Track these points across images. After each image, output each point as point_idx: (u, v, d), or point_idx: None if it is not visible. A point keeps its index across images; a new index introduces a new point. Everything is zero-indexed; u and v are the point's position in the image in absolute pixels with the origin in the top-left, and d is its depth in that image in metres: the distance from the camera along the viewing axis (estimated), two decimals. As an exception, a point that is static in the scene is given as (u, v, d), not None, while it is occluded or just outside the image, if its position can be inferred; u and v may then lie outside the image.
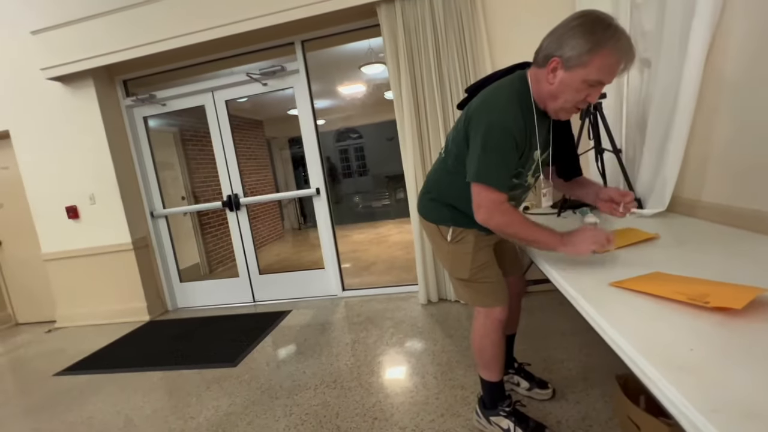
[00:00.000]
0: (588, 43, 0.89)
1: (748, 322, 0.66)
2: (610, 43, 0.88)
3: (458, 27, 2.35)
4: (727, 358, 0.58)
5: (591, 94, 0.96)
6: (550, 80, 0.98)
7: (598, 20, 0.90)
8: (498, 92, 1.05)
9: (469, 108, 1.09)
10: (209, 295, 3.38)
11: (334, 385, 1.84)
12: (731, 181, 1.30)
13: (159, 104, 3.18)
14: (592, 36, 0.88)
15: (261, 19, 2.54)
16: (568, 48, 0.92)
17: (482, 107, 1.04)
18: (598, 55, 0.89)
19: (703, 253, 1.07)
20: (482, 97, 1.07)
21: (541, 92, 1.02)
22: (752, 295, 0.70)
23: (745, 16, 1.18)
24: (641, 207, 1.62)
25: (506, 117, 0.99)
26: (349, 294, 3.07)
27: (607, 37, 0.88)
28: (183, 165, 4.52)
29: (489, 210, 1.02)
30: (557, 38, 0.94)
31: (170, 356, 2.41)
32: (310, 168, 3.01)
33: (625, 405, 1.21)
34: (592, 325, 0.81)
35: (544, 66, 0.99)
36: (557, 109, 1.02)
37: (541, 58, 0.99)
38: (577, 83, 0.94)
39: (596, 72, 0.91)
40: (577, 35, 0.90)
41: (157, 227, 3.34)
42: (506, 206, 1.03)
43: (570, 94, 0.96)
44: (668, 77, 1.47)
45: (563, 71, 0.94)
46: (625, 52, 0.90)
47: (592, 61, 0.90)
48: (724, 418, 0.47)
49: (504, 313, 1.27)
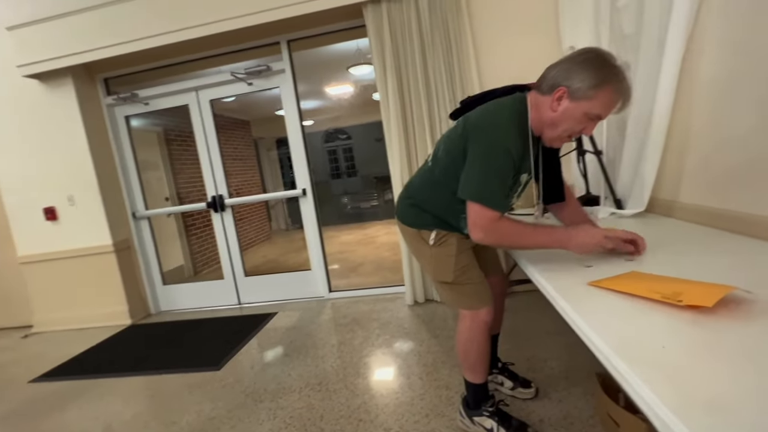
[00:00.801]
0: (596, 78, 0.93)
1: (718, 320, 0.68)
2: (614, 81, 0.93)
3: (444, 28, 2.37)
4: (697, 355, 0.59)
5: (587, 128, 1.01)
6: (553, 108, 1.00)
7: (606, 58, 0.95)
8: (500, 112, 1.05)
9: (467, 122, 1.09)
10: (193, 298, 3.32)
11: (320, 388, 1.82)
12: (706, 182, 1.33)
13: (141, 103, 3.12)
14: (600, 72, 0.93)
15: (246, 18, 2.51)
16: (576, 80, 0.95)
17: (483, 125, 1.04)
18: (603, 91, 0.93)
19: (678, 253, 1.09)
20: (483, 114, 1.07)
21: (541, 118, 1.04)
22: (722, 293, 0.71)
23: (719, 23, 1.22)
24: (621, 207, 1.65)
25: (508, 138, 1.01)
26: (336, 295, 3.06)
27: (613, 74, 0.93)
28: (167, 165, 4.44)
29: (485, 229, 1.02)
30: (565, 70, 0.98)
31: (152, 360, 2.36)
32: (297, 169, 2.99)
33: (605, 403, 1.23)
34: (570, 325, 0.82)
35: (548, 94, 1.01)
36: (553, 137, 1.05)
37: (547, 86, 1.01)
38: (579, 114, 0.97)
39: (599, 106, 0.95)
40: (587, 69, 0.94)
41: (140, 229, 3.27)
42: (502, 222, 1.03)
43: (570, 124, 1.00)
44: (647, 80, 1.50)
45: (568, 101, 0.97)
46: (625, 92, 0.95)
47: (597, 95, 0.94)
48: (692, 414, 0.48)
49: (489, 315, 1.27)
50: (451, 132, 1.18)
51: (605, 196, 1.75)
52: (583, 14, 2.01)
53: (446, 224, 1.23)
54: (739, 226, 1.15)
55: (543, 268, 1.08)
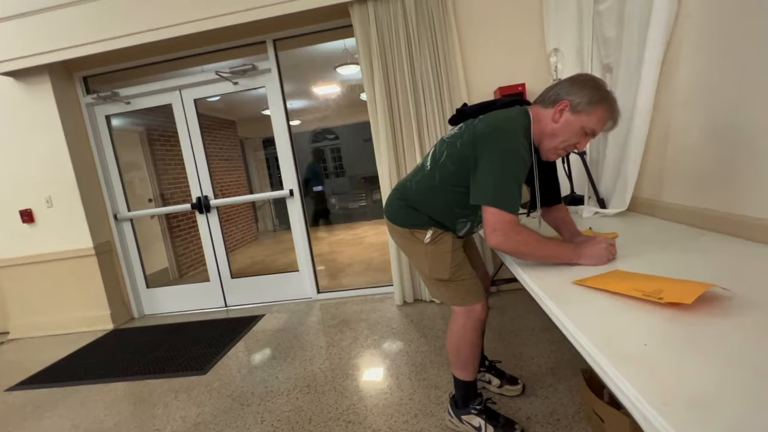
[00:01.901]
0: (595, 96, 1.04)
1: (697, 317, 0.69)
2: (609, 101, 1.05)
3: (430, 29, 2.37)
4: (678, 352, 0.61)
5: (582, 142, 1.10)
6: (555, 119, 1.08)
7: (602, 83, 1.08)
8: (511, 123, 1.09)
9: (476, 131, 1.12)
10: (178, 301, 3.26)
11: (308, 390, 1.81)
12: (686, 182, 1.37)
13: (122, 102, 3.04)
14: (599, 92, 1.05)
15: (231, 16, 2.47)
16: (578, 95, 1.05)
17: (498, 134, 1.07)
18: (600, 108, 1.04)
19: (659, 251, 1.12)
20: (494, 123, 1.10)
21: (542, 130, 1.11)
22: (701, 291, 0.73)
23: (696, 27, 1.25)
24: (604, 207, 1.68)
25: (521, 147, 1.06)
26: (324, 296, 3.04)
27: (609, 96, 1.06)
28: (150, 166, 4.35)
29: (505, 232, 1.03)
30: (568, 86, 1.08)
31: (136, 366, 2.31)
32: (284, 169, 2.96)
33: (590, 399, 1.25)
34: (555, 323, 0.83)
35: (551, 107, 1.09)
36: (551, 148, 1.12)
37: (550, 100, 1.10)
38: (578, 128, 1.06)
39: (595, 121, 1.05)
40: (587, 87, 1.05)
41: (122, 231, 3.19)
42: (520, 227, 1.05)
43: (568, 135, 1.08)
44: (628, 82, 1.54)
45: (570, 113, 1.06)
46: (616, 112, 1.07)
47: (594, 111, 1.04)
48: (673, 410, 0.49)
49: (484, 312, 1.29)
50: (454, 139, 1.19)
51: (589, 196, 1.78)
52: (567, 17, 2.05)
53: (441, 226, 1.26)
54: (718, 224, 1.19)
55: (529, 267, 1.09)
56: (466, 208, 1.18)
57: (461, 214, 1.22)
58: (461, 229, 1.27)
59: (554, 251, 1.07)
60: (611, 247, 1.05)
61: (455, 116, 1.30)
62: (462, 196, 1.15)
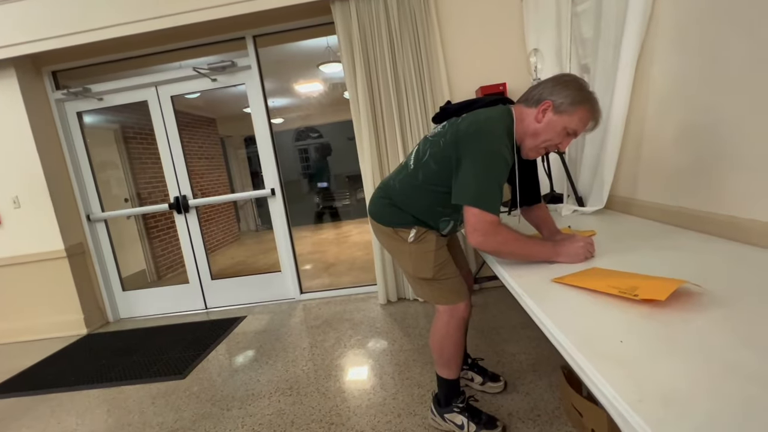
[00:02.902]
0: (577, 97, 1.05)
1: (670, 313, 0.71)
2: (591, 102, 1.07)
3: (412, 27, 2.37)
4: (652, 348, 0.62)
5: (563, 143, 1.11)
6: (538, 119, 1.09)
7: (584, 83, 1.09)
8: (494, 123, 1.09)
9: (458, 130, 1.12)
10: (156, 304, 3.16)
11: (290, 392, 1.78)
12: (660, 180, 1.41)
13: (95, 99, 2.93)
14: (581, 92, 1.06)
15: (208, 11, 2.41)
16: (560, 96, 1.06)
17: (480, 134, 1.07)
18: (582, 108, 1.05)
19: (635, 248, 1.14)
20: (476, 123, 1.10)
21: (525, 130, 1.11)
22: (674, 287, 0.75)
23: (669, 28, 1.28)
24: (582, 205, 1.71)
25: (504, 148, 1.06)
26: (307, 297, 3.00)
27: (590, 97, 1.07)
28: (126, 164, 4.21)
29: (486, 232, 1.04)
30: (551, 87, 1.09)
31: (110, 372, 2.23)
32: (265, 168, 2.91)
33: (569, 394, 1.27)
34: (534, 321, 0.83)
35: (534, 106, 1.10)
36: (533, 147, 1.13)
37: (533, 100, 1.11)
38: (560, 128, 1.07)
39: (576, 122, 1.07)
40: (570, 88, 1.06)
41: (95, 232, 3.07)
42: (501, 227, 1.05)
43: (551, 135, 1.09)
44: (605, 82, 1.57)
45: (552, 113, 1.07)
46: (596, 113, 1.09)
47: (576, 111, 1.05)
48: (647, 406, 0.49)
49: (467, 310, 1.30)
50: (437, 138, 1.19)
51: (568, 194, 1.81)
52: (546, 18, 2.08)
53: (425, 224, 1.25)
54: (690, 222, 1.22)
55: (509, 265, 1.10)
56: (448, 207, 1.18)
57: (444, 213, 1.22)
58: (444, 228, 1.27)
59: (534, 250, 1.08)
60: (589, 245, 1.07)
61: (438, 114, 1.30)
62: (445, 195, 1.15)
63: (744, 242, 1.03)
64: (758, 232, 0.99)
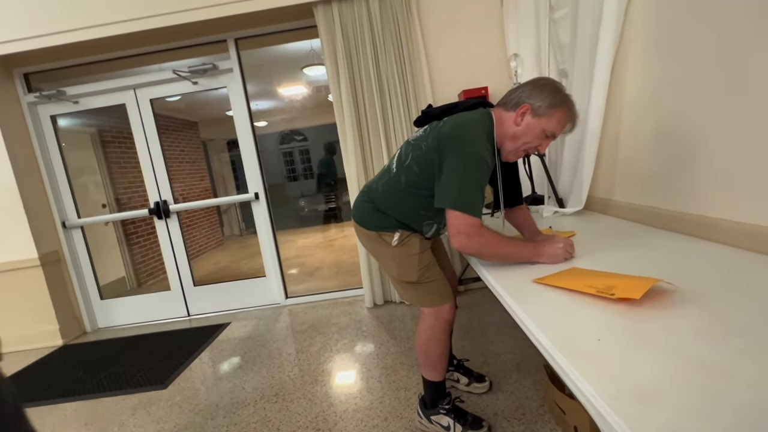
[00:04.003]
0: (555, 100, 1.08)
1: (644, 311, 0.73)
2: (568, 104, 1.10)
3: (395, 30, 2.39)
4: (628, 346, 0.64)
5: (542, 145, 1.14)
6: (517, 122, 1.11)
7: (561, 87, 1.12)
8: (475, 126, 1.11)
9: (440, 134, 1.12)
10: (137, 312, 3.08)
11: (276, 399, 1.76)
12: (635, 182, 1.45)
13: (70, 102, 2.84)
14: (558, 96, 1.09)
15: (187, 13, 2.37)
16: (538, 99, 1.08)
17: (461, 137, 1.08)
18: (559, 111, 1.08)
19: (612, 248, 1.17)
20: (458, 127, 1.11)
21: (505, 133, 1.13)
22: (648, 286, 0.77)
23: (641, 35, 1.33)
24: (563, 206, 1.75)
25: (485, 151, 1.07)
26: (292, 301, 2.98)
27: (567, 100, 1.10)
28: (104, 169, 4.09)
29: (468, 235, 1.05)
30: (529, 91, 1.11)
31: (88, 384, 2.15)
32: (248, 172, 2.87)
33: (552, 392, 1.29)
34: (517, 321, 0.85)
35: (513, 110, 1.12)
36: (513, 150, 1.15)
37: (512, 103, 1.13)
38: (539, 130, 1.10)
39: (554, 124, 1.09)
40: (547, 92, 1.09)
41: (71, 239, 2.98)
42: (483, 230, 1.06)
43: (530, 138, 1.11)
44: (582, 87, 1.61)
45: (531, 117, 1.09)
46: (574, 115, 1.12)
47: (554, 114, 1.08)
48: (623, 404, 0.51)
49: (452, 312, 1.30)
50: (419, 142, 1.20)
51: (549, 196, 1.85)
52: (525, 24, 2.12)
53: (409, 228, 1.26)
54: (663, 222, 1.27)
55: (492, 267, 1.12)
56: (431, 210, 1.19)
57: (427, 216, 1.23)
58: (428, 231, 1.28)
59: (515, 251, 1.10)
60: (569, 246, 1.09)
61: (420, 118, 1.31)
62: (428, 198, 1.16)
63: (712, 240, 1.07)
64: (725, 230, 1.03)
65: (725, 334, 0.63)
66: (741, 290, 0.78)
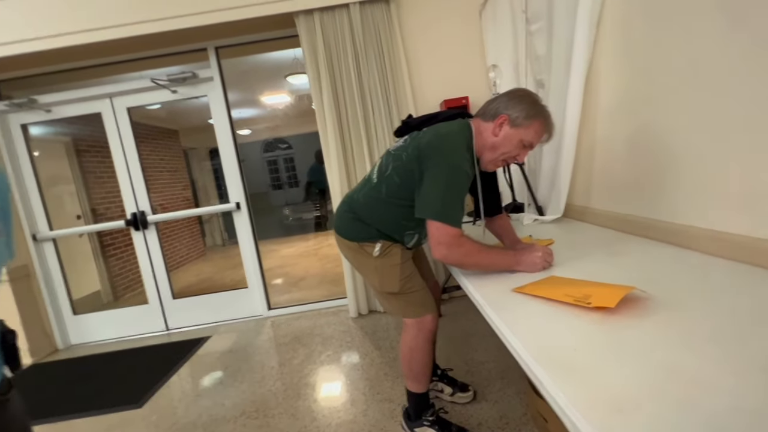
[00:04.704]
0: (531, 111, 1.10)
1: (619, 319, 0.74)
2: (544, 115, 1.12)
3: (377, 41, 2.41)
4: (603, 356, 0.64)
5: (521, 155, 1.15)
6: (495, 133, 1.12)
7: (537, 98, 1.14)
8: (454, 137, 1.12)
9: (420, 144, 1.13)
10: (112, 327, 2.97)
11: (257, 415, 1.71)
12: (610, 190, 1.49)
13: (42, 110, 2.76)
14: (535, 107, 1.11)
15: (166, 21, 2.34)
16: (516, 110, 1.10)
17: (441, 148, 1.09)
18: (536, 122, 1.10)
19: (589, 255, 1.19)
20: (438, 137, 1.12)
21: (484, 143, 1.14)
22: (623, 294, 0.79)
23: (612, 47, 1.37)
24: (542, 214, 1.78)
25: (465, 162, 1.08)
26: (275, 313, 2.92)
27: (544, 111, 1.12)
28: (78, 179, 3.97)
29: (449, 245, 1.05)
30: (506, 101, 1.13)
31: (58, 405, 2.05)
32: (229, 181, 2.83)
33: (534, 400, 1.30)
34: (496, 332, 0.85)
35: (491, 121, 1.13)
36: (491, 160, 1.16)
37: (490, 114, 1.15)
38: (517, 141, 1.11)
39: (532, 134, 1.11)
40: (524, 103, 1.11)
41: (42, 253, 2.86)
42: (463, 239, 1.07)
43: (508, 148, 1.12)
44: (558, 97, 1.65)
45: (509, 127, 1.11)
46: (550, 126, 1.13)
47: (531, 125, 1.10)
48: (598, 414, 0.51)
49: (434, 323, 1.30)
50: (399, 152, 1.20)
51: (528, 204, 1.88)
52: (504, 36, 2.17)
53: (390, 238, 1.25)
54: (637, 229, 1.30)
55: (472, 276, 1.12)
56: (412, 221, 1.19)
57: (408, 226, 1.23)
58: (409, 241, 1.28)
59: (495, 260, 1.10)
60: (547, 255, 1.10)
61: (401, 128, 1.32)
62: (408, 209, 1.16)
63: (683, 247, 1.10)
64: (694, 236, 1.06)
65: (696, 341, 0.64)
66: (710, 296, 0.80)
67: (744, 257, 0.93)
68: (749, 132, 0.90)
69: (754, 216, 0.92)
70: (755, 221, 0.91)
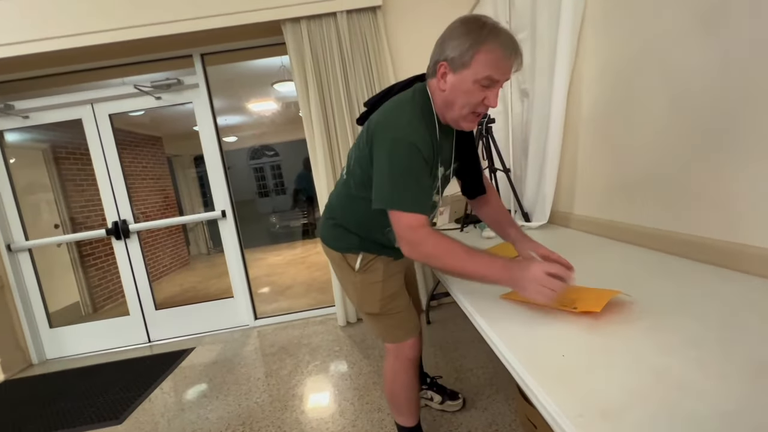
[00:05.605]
0: (467, 42, 0.87)
1: (605, 324, 0.75)
2: (489, 39, 0.86)
3: (364, 50, 2.42)
4: (590, 361, 0.64)
5: (488, 96, 0.91)
6: (441, 87, 0.94)
7: (472, 20, 0.90)
8: (400, 107, 0.96)
9: (370, 124, 1.00)
10: (92, 340, 2.87)
11: (243, 429, 1.66)
12: (593, 196, 1.52)
13: (19, 116, 2.67)
14: (469, 36, 0.87)
15: (151, 27, 2.31)
16: (449, 50, 0.90)
17: (384, 124, 0.95)
18: (480, 52, 0.87)
19: (574, 260, 1.20)
20: (383, 112, 0.98)
21: (438, 103, 0.98)
22: (608, 298, 0.80)
23: (594, 56, 1.41)
24: (529, 220, 1.80)
25: (411, 133, 0.90)
26: (262, 322, 2.87)
27: (484, 34, 0.87)
28: (57, 187, 3.85)
29: (409, 239, 0.89)
30: (440, 44, 0.94)
31: (31, 423, 1.96)
32: (214, 189, 2.79)
33: (523, 406, 1.30)
34: (485, 339, 0.85)
35: (434, 75, 0.96)
36: (456, 117, 0.96)
37: (431, 68, 0.98)
38: (468, 84, 0.90)
39: (482, 69, 0.87)
40: (456, 38, 0.89)
41: (17, 263, 2.76)
42: (427, 232, 0.88)
43: (463, 98, 0.92)
44: (542, 106, 1.68)
45: (452, 74, 0.92)
46: (507, 45, 0.87)
47: (475, 58, 0.87)
48: (586, 421, 0.51)
49: (415, 348, 1.20)
50: (359, 139, 1.06)
51: (515, 210, 1.90)
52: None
53: (373, 243, 1.14)
54: (620, 234, 1.32)
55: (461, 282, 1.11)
56: (385, 216, 0.96)
57: (383, 222, 1.01)
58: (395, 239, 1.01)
59: (475, 266, 0.86)
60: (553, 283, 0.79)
61: (363, 114, 1.15)
62: None
63: (665, 252, 1.12)
64: (675, 241, 1.09)
65: (679, 345, 0.65)
66: (691, 300, 0.82)
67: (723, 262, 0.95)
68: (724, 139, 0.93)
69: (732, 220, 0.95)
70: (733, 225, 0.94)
